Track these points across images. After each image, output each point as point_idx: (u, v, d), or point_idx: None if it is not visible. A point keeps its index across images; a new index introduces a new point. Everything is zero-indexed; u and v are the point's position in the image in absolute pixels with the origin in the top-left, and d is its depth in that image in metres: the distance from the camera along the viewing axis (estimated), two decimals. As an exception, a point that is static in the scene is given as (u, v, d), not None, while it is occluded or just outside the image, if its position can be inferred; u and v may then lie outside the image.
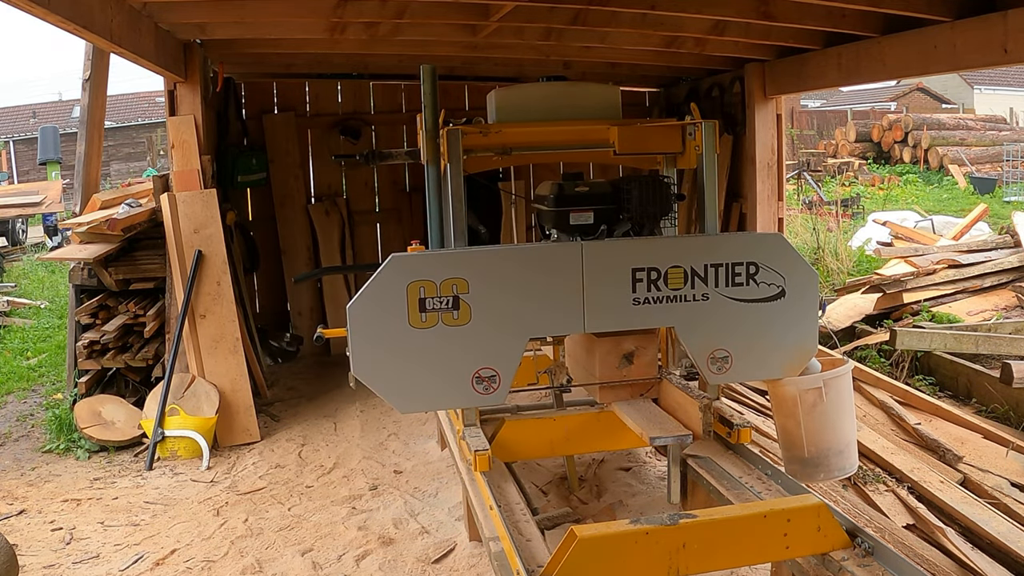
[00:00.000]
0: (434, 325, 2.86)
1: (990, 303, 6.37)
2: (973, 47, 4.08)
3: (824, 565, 2.59)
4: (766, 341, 3.11)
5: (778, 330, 3.11)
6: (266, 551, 3.72)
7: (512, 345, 2.95)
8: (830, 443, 3.12)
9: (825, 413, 3.10)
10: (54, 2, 3.23)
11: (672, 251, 3.05)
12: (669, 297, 3.03)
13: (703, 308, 3.06)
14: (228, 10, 4.77)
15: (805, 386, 3.10)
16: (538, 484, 4.23)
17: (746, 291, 3.08)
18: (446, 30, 5.31)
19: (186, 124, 5.46)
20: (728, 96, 6.44)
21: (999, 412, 4.92)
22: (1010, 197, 15.17)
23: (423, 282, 2.84)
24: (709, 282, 3.05)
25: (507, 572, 2.54)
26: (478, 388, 2.93)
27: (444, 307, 2.86)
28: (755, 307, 3.09)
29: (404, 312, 2.83)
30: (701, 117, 3.27)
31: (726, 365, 3.11)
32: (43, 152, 17.58)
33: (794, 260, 3.12)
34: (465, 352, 2.90)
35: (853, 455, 3.21)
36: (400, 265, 2.85)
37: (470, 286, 2.87)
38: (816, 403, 3.08)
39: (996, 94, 29.28)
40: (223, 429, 5.07)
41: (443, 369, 2.89)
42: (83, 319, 5.38)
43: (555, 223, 3.34)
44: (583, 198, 3.28)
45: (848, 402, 3.18)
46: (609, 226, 3.33)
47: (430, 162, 3.36)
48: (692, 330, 3.08)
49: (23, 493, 4.46)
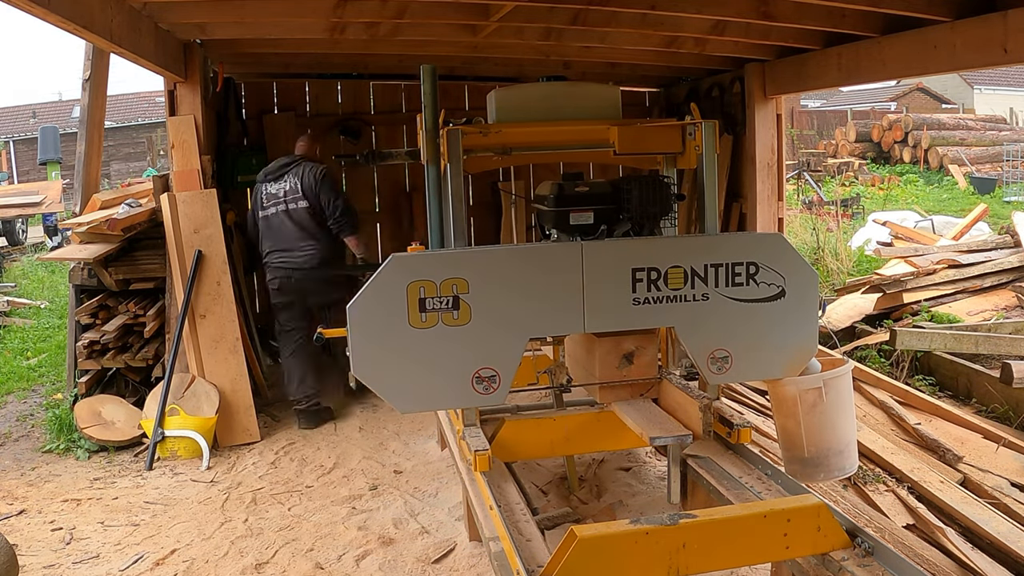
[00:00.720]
0: (434, 325, 2.87)
1: (990, 303, 6.37)
2: (973, 47, 4.08)
3: (824, 565, 2.59)
4: (766, 341, 3.12)
5: (778, 330, 3.12)
6: (266, 551, 3.72)
7: (512, 345, 2.96)
8: (830, 443, 3.13)
9: (825, 413, 3.11)
10: (54, 2, 3.23)
11: (672, 251, 3.06)
12: (669, 297, 3.04)
13: (703, 308, 3.07)
14: (228, 10, 4.77)
15: (805, 386, 3.11)
16: (538, 484, 4.23)
17: (746, 291, 3.09)
18: (446, 30, 5.31)
19: (186, 124, 5.46)
20: (728, 96, 6.44)
21: (999, 412, 4.92)
22: (1010, 197, 15.18)
23: (423, 282, 2.85)
24: (709, 282, 3.06)
25: (507, 572, 2.54)
26: (478, 388, 2.94)
27: (444, 307, 2.87)
28: (755, 307, 3.10)
29: (404, 312, 2.84)
30: (701, 117, 3.27)
31: (726, 365, 3.12)
32: (43, 152, 17.59)
33: (794, 260, 3.14)
34: (465, 352, 2.91)
35: (853, 455, 3.22)
36: (400, 265, 2.86)
37: (470, 286, 2.89)
38: (816, 403, 3.10)
39: (996, 94, 29.30)
40: (223, 429, 5.07)
41: (443, 369, 2.90)
42: (83, 319, 5.38)
43: (555, 223, 3.35)
44: (583, 198, 3.29)
45: (848, 402, 3.19)
46: (609, 226, 3.34)
47: (430, 162, 3.38)
48: (692, 330, 3.09)
49: (23, 493, 4.46)
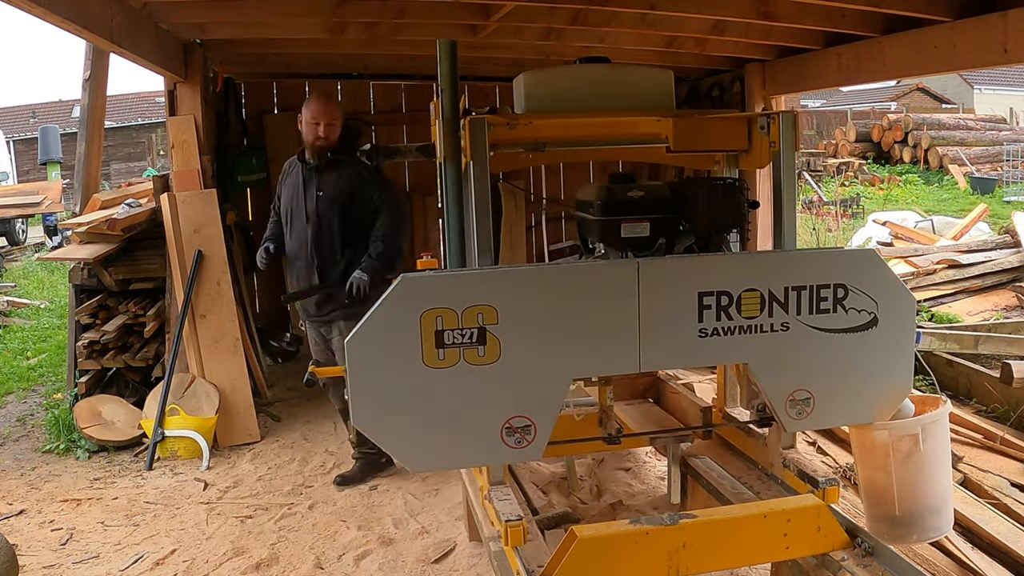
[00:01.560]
0: (455, 363, 2.36)
1: (990, 303, 6.37)
2: (973, 47, 4.07)
3: (824, 565, 2.59)
4: (855, 378, 2.66)
5: (869, 365, 2.65)
6: (266, 551, 3.72)
7: (551, 388, 2.45)
8: (925, 499, 2.74)
9: (921, 464, 2.71)
10: (54, 2, 3.22)
11: (746, 271, 2.57)
12: (743, 328, 2.55)
13: (783, 340, 2.58)
14: (228, 10, 4.77)
15: (899, 432, 2.70)
16: (538, 484, 4.22)
17: (833, 319, 2.60)
18: (446, 30, 5.30)
19: (186, 124, 5.46)
20: (728, 96, 6.44)
21: (999, 412, 4.91)
22: (1010, 197, 15.17)
23: (441, 310, 2.33)
24: (790, 308, 2.57)
25: (507, 572, 2.54)
26: (509, 441, 2.43)
27: (467, 341, 2.36)
28: (843, 338, 2.62)
29: (418, 348, 2.33)
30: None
31: (807, 409, 2.65)
32: (43, 152, 17.62)
33: (890, 281, 2.65)
34: (493, 397, 2.40)
35: (949, 512, 2.83)
36: (412, 288, 2.33)
37: (499, 315, 2.36)
38: (911, 452, 2.70)
39: (996, 94, 29.31)
40: (223, 429, 5.07)
41: (467, 418, 2.40)
42: (83, 319, 5.38)
43: (602, 235, 2.82)
44: (638, 205, 2.78)
45: (946, 451, 2.80)
46: (668, 239, 2.83)
47: (448, 160, 2.80)
48: (770, 366, 2.60)
49: (23, 493, 4.46)
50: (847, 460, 4.21)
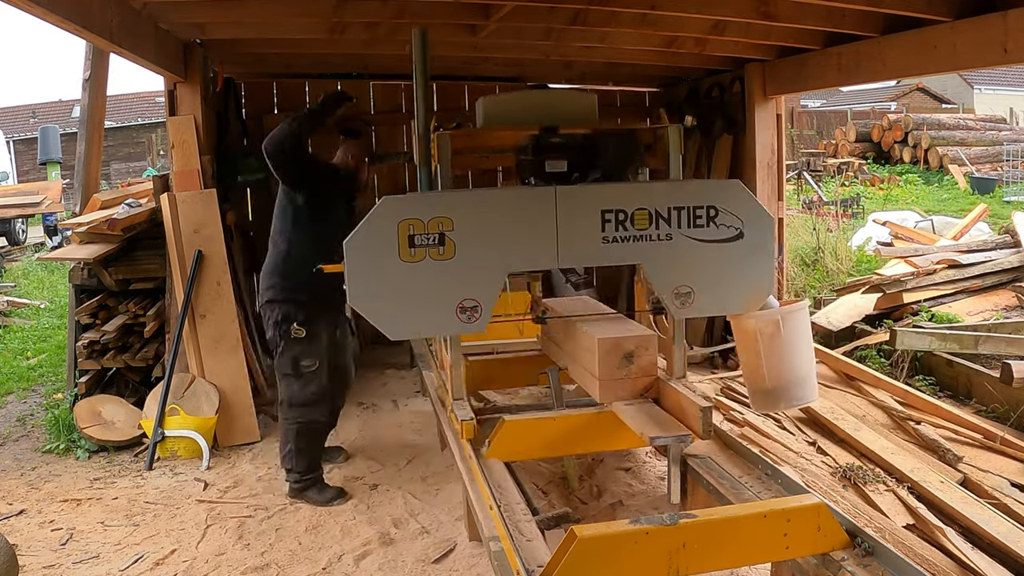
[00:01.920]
0: (422, 259, 3.14)
1: (990, 303, 6.36)
2: (973, 47, 4.08)
3: (824, 565, 2.59)
4: (726, 279, 3.38)
5: (737, 269, 3.38)
6: (266, 551, 3.72)
7: (493, 278, 3.24)
8: (789, 374, 3.38)
9: (783, 345, 3.34)
10: (54, 2, 3.23)
11: (638, 195, 3.33)
12: (635, 236, 3.31)
13: (667, 247, 3.33)
14: (228, 10, 4.78)
15: (764, 320, 3.37)
16: (538, 484, 4.23)
17: (706, 232, 3.35)
18: (446, 30, 5.31)
19: (186, 124, 5.46)
20: (728, 96, 6.44)
21: (999, 412, 4.91)
22: (1010, 197, 15.16)
23: (412, 220, 3.12)
24: (672, 223, 3.32)
25: (507, 572, 2.54)
26: (462, 317, 3.22)
27: (431, 243, 3.14)
28: (715, 247, 3.36)
29: (396, 247, 3.11)
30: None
31: (689, 300, 3.38)
32: (43, 152, 17.62)
33: (752, 205, 3.39)
34: (450, 284, 3.18)
35: (812, 385, 3.47)
36: (392, 205, 3.14)
37: (455, 224, 3.16)
38: (774, 335, 3.34)
39: (996, 94, 29.32)
40: (223, 429, 5.07)
41: (430, 299, 3.18)
42: (83, 319, 5.38)
43: (533, 171, 3.55)
44: (558, 147, 3.51)
45: (805, 336, 3.42)
46: (582, 173, 3.55)
47: (422, 164, 3.60)
48: (657, 267, 3.36)
49: (23, 493, 4.46)
50: (847, 460, 4.21)
